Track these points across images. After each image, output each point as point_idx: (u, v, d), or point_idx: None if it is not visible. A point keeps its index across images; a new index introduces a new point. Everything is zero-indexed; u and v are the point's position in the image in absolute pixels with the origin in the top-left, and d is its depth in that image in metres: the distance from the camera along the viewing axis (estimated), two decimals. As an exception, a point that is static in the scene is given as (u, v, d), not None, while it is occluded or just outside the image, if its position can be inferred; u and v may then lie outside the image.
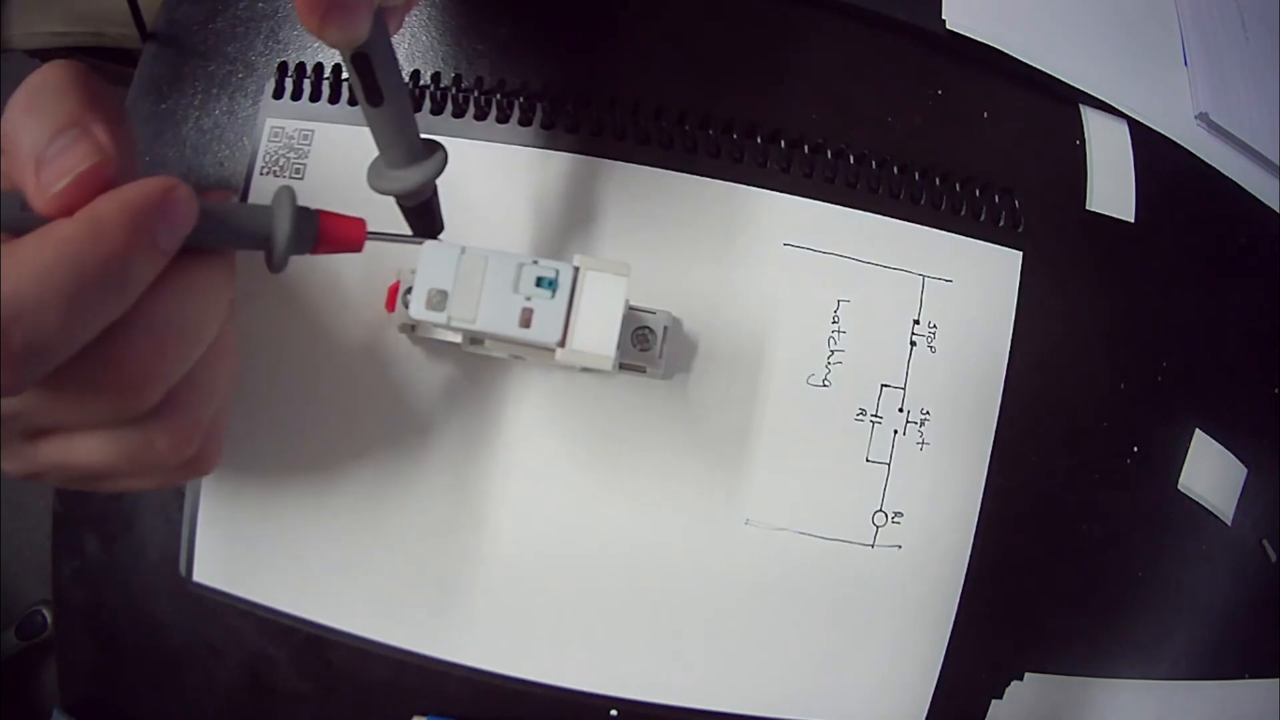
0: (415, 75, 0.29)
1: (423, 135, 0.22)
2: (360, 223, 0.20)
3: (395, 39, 0.29)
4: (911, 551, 0.28)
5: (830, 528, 0.28)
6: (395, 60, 0.20)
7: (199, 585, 0.29)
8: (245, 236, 0.19)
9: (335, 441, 0.28)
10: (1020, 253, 0.30)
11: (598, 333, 0.21)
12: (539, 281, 0.21)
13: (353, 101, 0.29)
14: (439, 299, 0.21)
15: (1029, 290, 0.30)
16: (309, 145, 0.29)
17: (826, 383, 0.28)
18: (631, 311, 0.27)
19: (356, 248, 0.20)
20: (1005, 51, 0.30)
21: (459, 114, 0.29)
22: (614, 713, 0.28)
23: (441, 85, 0.29)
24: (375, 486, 0.28)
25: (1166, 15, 0.34)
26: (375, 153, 0.22)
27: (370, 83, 0.19)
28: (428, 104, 0.29)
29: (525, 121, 0.29)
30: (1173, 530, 0.31)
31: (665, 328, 0.27)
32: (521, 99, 0.29)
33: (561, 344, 0.21)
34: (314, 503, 0.28)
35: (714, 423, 0.28)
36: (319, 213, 0.20)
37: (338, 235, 0.20)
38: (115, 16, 0.56)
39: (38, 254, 0.15)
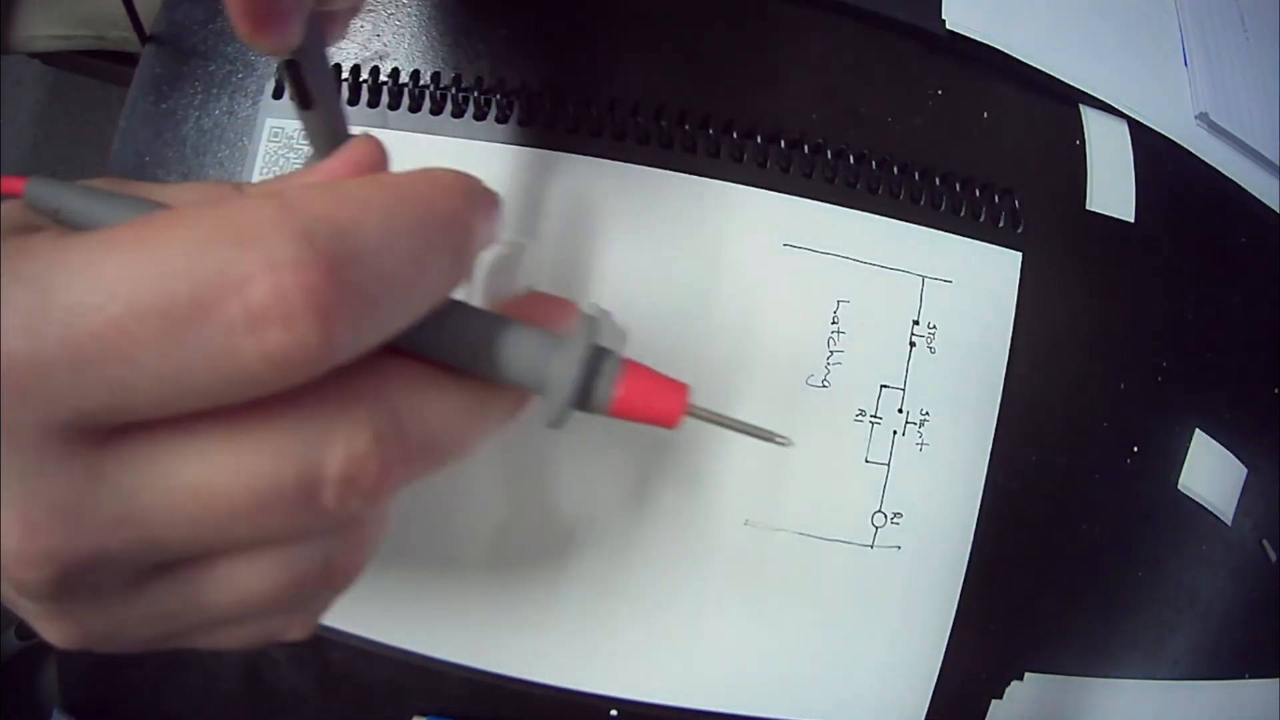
0: (415, 75, 0.29)
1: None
2: (680, 391, 0.16)
3: (398, 35, 0.29)
4: (911, 552, 0.28)
5: (829, 528, 0.28)
6: (326, 65, 0.20)
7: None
8: (516, 368, 0.14)
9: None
10: (1020, 253, 0.30)
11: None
12: None
13: (352, 102, 0.29)
14: None
15: (1029, 290, 0.30)
16: (309, 146, 0.29)
17: (826, 383, 0.28)
18: None
19: (668, 423, 0.16)
20: (1005, 51, 0.30)
21: (458, 114, 0.29)
22: (614, 713, 0.28)
23: (442, 85, 0.29)
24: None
25: (1166, 15, 0.34)
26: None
27: (299, 87, 0.20)
28: (427, 104, 0.29)
29: (526, 121, 0.29)
30: (1173, 530, 0.31)
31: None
32: (521, 98, 0.29)
33: None
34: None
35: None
36: (626, 364, 0.15)
37: (642, 401, 0.15)
38: (118, 20, 0.56)
39: (376, 192, 0.12)
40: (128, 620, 0.13)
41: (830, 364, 0.28)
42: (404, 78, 0.29)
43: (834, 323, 0.28)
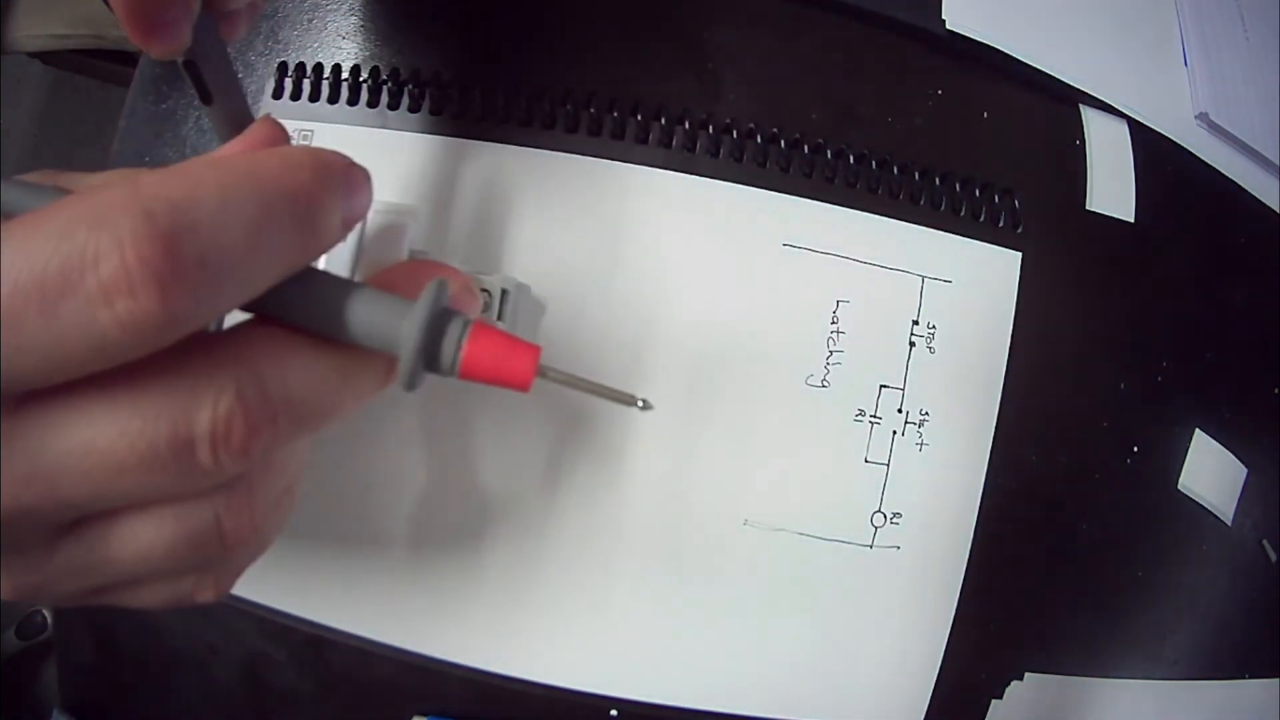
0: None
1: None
2: (530, 353, 0.16)
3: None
4: (910, 552, 0.28)
5: (829, 528, 0.28)
6: (226, 62, 0.21)
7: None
8: (366, 331, 0.15)
9: (331, 445, 0.28)
10: (1019, 253, 0.30)
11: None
12: None
13: (352, 102, 0.29)
14: None
15: (1028, 291, 0.30)
16: (309, 146, 0.29)
17: (825, 383, 0.28)
18: (471, 277, 0.27)
19: (519, 384, 0.16)
20: (1005, 51, 0.30)
21: (466, 115, 0.29)
22: (614, 713, 0.28)
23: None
24: (372, 487, 0.28)
25: (1166, 15, 0.34)
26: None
27: (199, 85, 0.20)
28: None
29: (526, 121, 0.29)
30: (1173, 530, 0.31)
31: (505, 291, 0.26)
32: (524, 97, 0.29)
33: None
34: (313, 504, 0.28)
35: (713, 423, 0.28)
36: (474, 325, 0.16)
37: (490, 362, 0.15)
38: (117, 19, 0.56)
39: (217, 171, 0.14)
40: (50, 574, 0.15)
41: (830, 364, 0.28)
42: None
43: (834, 323, 0.28)
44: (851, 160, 0.29)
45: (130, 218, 0.12)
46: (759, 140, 0.29)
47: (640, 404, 0.17)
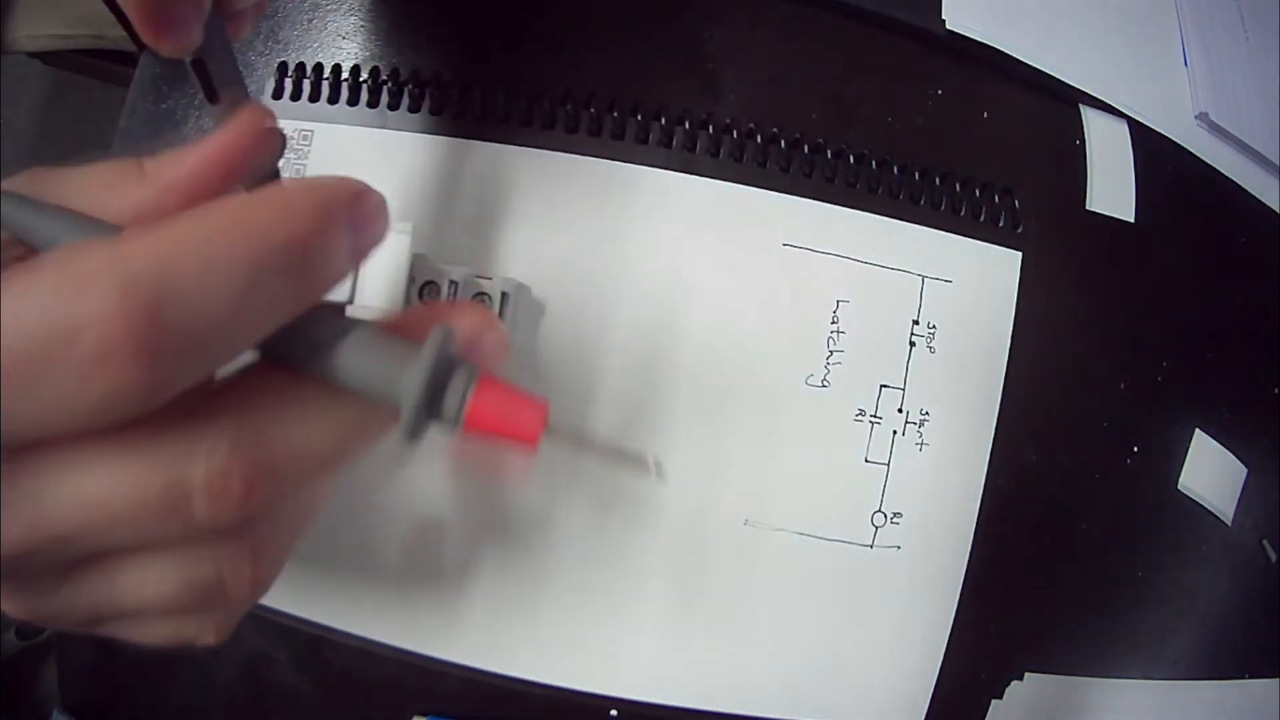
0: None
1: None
2: (538, 409, 0.15)
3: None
4: (910, 552, 0.28)
5: (829, 528, 0.28)
6: (232, 62, 0.21)
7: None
8: (368, 380, 0.14)
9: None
10: (1020, 253, 0.30)
11: (385, 287, 0.22)
12: None
13: (352, 102, 0.29)
14: None
15: (1029, 290, 0.30)
16: (309, 146, 0.29)
17: (825, 383, 0.28)
18: (470, 279, 0.27)
19: (527, 442, 0.15)
20: (1005, 51, 0.30)
21: (466, 115, 0.29)
22: (614, 713, 0.28)
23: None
24: (374, 487, 0.28)
25: (1166, 15, 0.34)
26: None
27: (206, 84, 0.20)
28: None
29: (526, 121, 0.29)
30: (1173, 530, 0.31)
31: (505, 294, 0.26)
32: (524, 97, 0.29)
33: (350, 301, 0.23)
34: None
35: (712, 423, 0.28)
36: (481, 378, 0.15)
37: (497, 418, 0.15)
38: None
39: (203, 224, 0.13)
40: (59, 604, 0.15)
41: (830, 364, 0.28)
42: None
43: (834, 322, 0.28)
44: (851, 160, 0.29)
45: (112, 288, 0.12)
46: (759, 140, 0.29)
47: (654, 468, 0.17)
